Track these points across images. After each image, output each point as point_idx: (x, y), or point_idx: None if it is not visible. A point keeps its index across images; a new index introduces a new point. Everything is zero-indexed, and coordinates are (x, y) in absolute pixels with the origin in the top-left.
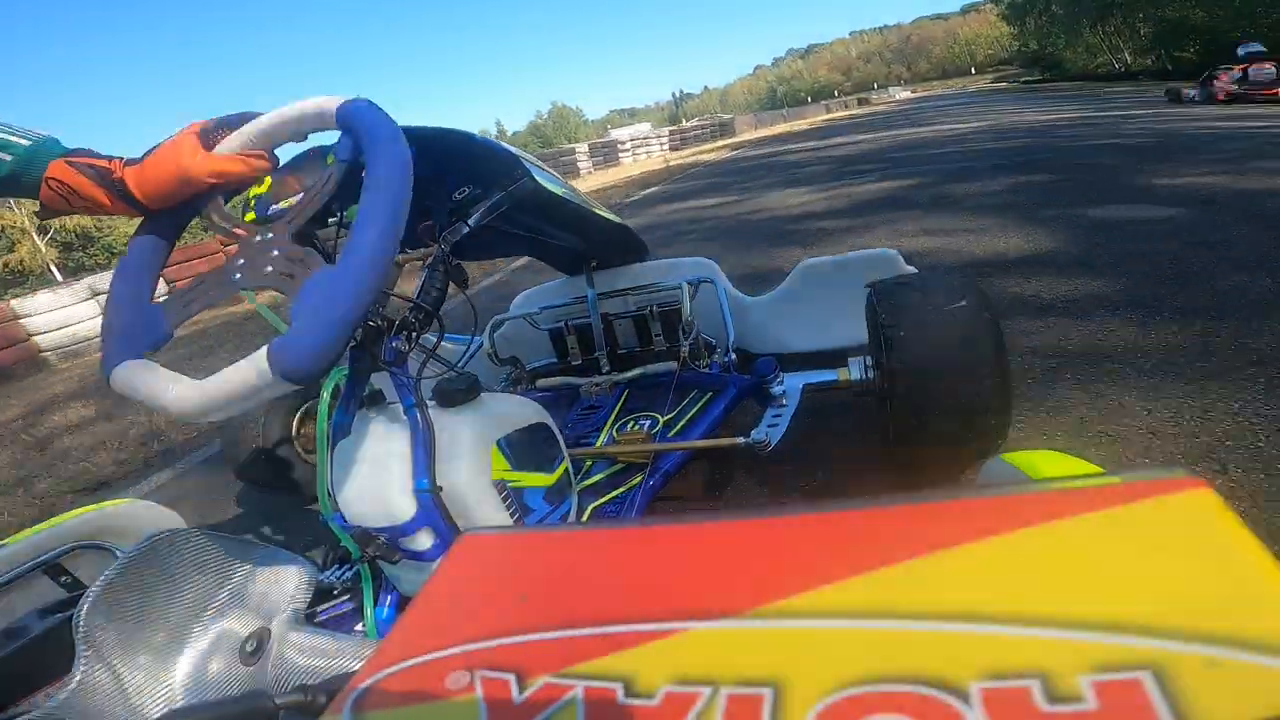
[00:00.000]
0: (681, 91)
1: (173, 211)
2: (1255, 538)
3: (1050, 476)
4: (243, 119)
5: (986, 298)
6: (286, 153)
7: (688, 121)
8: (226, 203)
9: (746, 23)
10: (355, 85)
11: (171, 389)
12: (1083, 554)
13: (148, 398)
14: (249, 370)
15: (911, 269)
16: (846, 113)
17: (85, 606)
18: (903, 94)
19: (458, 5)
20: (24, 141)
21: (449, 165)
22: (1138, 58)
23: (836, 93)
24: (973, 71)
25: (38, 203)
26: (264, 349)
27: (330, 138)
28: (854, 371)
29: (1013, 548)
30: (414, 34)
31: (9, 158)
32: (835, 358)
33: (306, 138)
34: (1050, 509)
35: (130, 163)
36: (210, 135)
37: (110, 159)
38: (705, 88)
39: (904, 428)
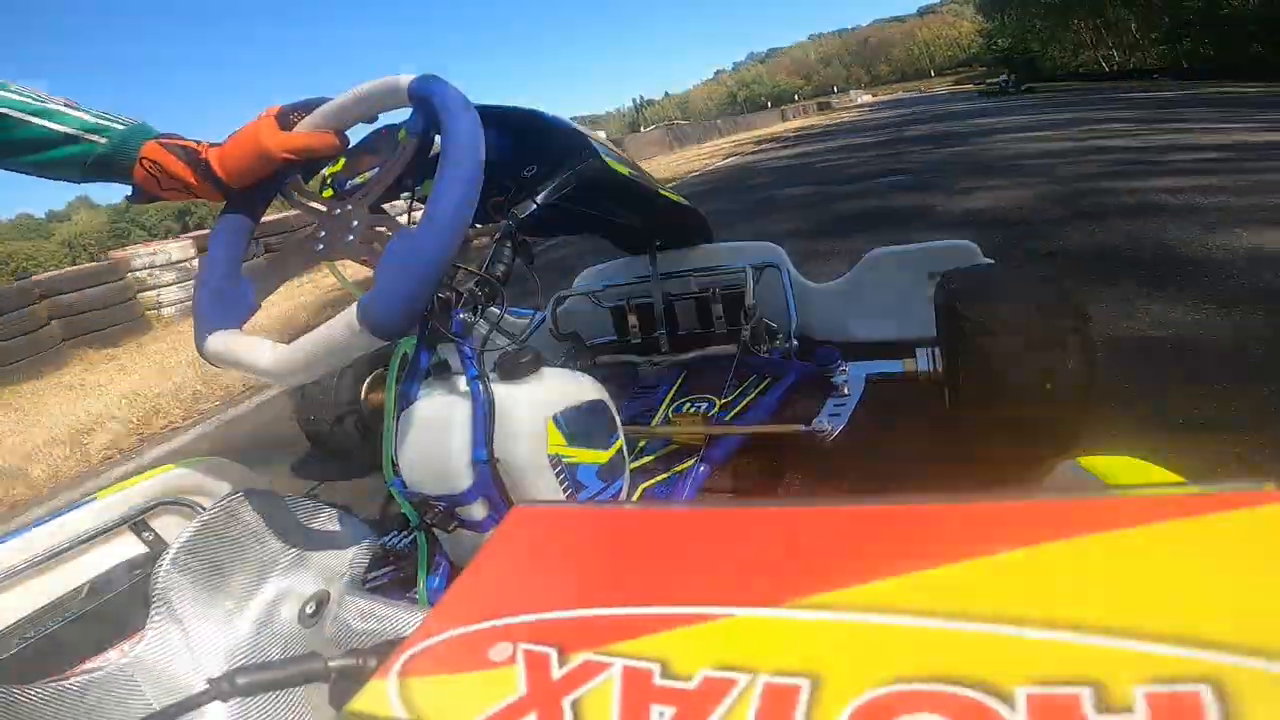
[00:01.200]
0: (641, 98)
1: (255, 190)
2: None
3: (1125, 483)
4: (318, 102)
5: (1072, 293)
6: (355, 134)
7: (646, 129)
8: (306, 182)
9: (707, 27)
10: (298, 86)
11: (265, 353)
12: (1151, 564)
13: (243, 364)
14: (339, 328)
15: (988, 260)
16: (805, 122)
17: (163, 565)
18: (864, 97)
19: (423, 10)
20: (119, 126)
21: (519, 143)
22: (1129, 54)
23: (796, 96)
24: (931, 74)
25: (130, 188)
26: (352, 307)
27: (396, 117)
28: (921, 363)
29: (1077, 553)
30: (370, 35)
31: (105, 140)
32: (900, 349)
33: (377, 117)
34: (1121, 516)
35: (214, 145)
36: (287, 117)
37: (197, 142)
38: (666, 93)
39: (973, 425)
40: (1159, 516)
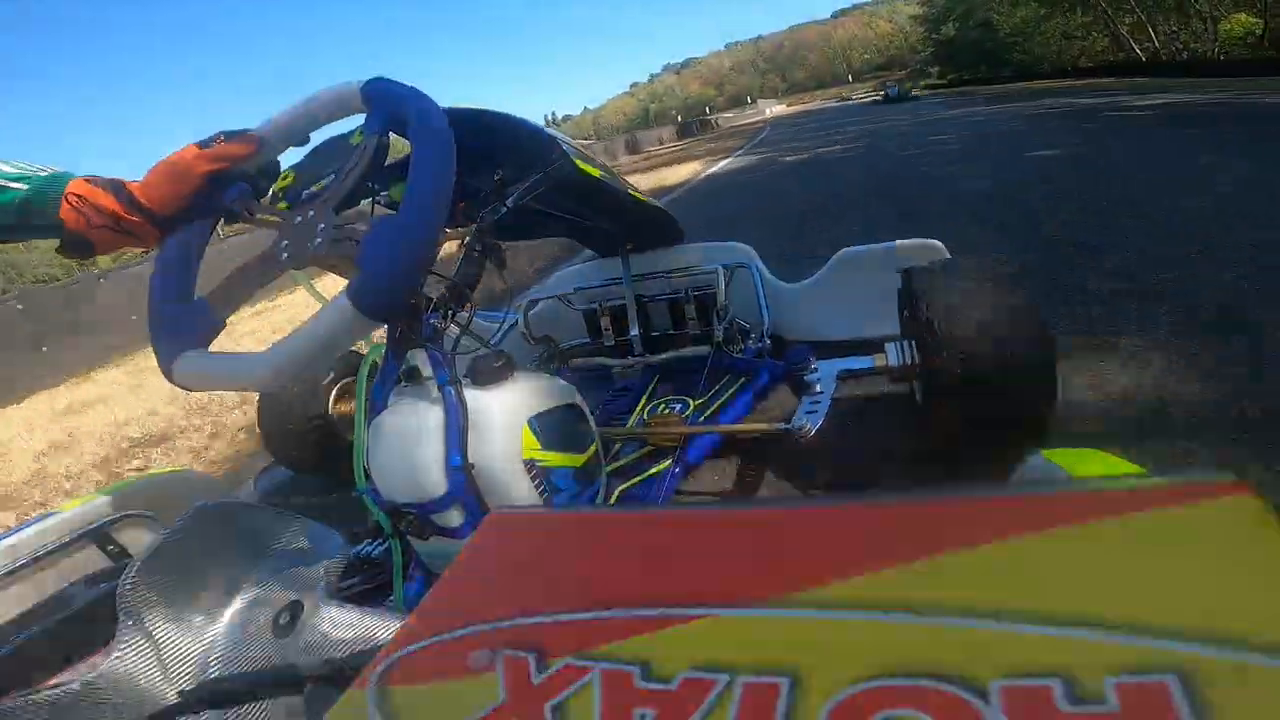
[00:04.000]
0: (554, 114)
1: (191, 214)
2: None
3: (1088, 475)
4: (240, 133)
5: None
6: (289, 158)
7: None
8: (258, 199)
9: (624, 39)
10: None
11: (247, 362)
12: (1115, 555)
13: (225, 380)
14: (332, 317)
15: (951, 256)
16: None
17: (128, 577)
18: (776, 108)
19: (329, 22)
20: (39, 173)
21: (486, 146)
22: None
23: (708, 109)
24: (850, 79)
25: (58, 240)
26: (340, 294)
27: (339, 127)
28: (891, 358)
29: (1044, 546)
30: (267, 54)
31: (25, 187)
32: (870, 346)
33: (312, 132)
34: (1085, 508)
35: (135, 181)
36: (208, 143)
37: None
38: (585, 108)
39: (942, 417)
40: (1124, 509)
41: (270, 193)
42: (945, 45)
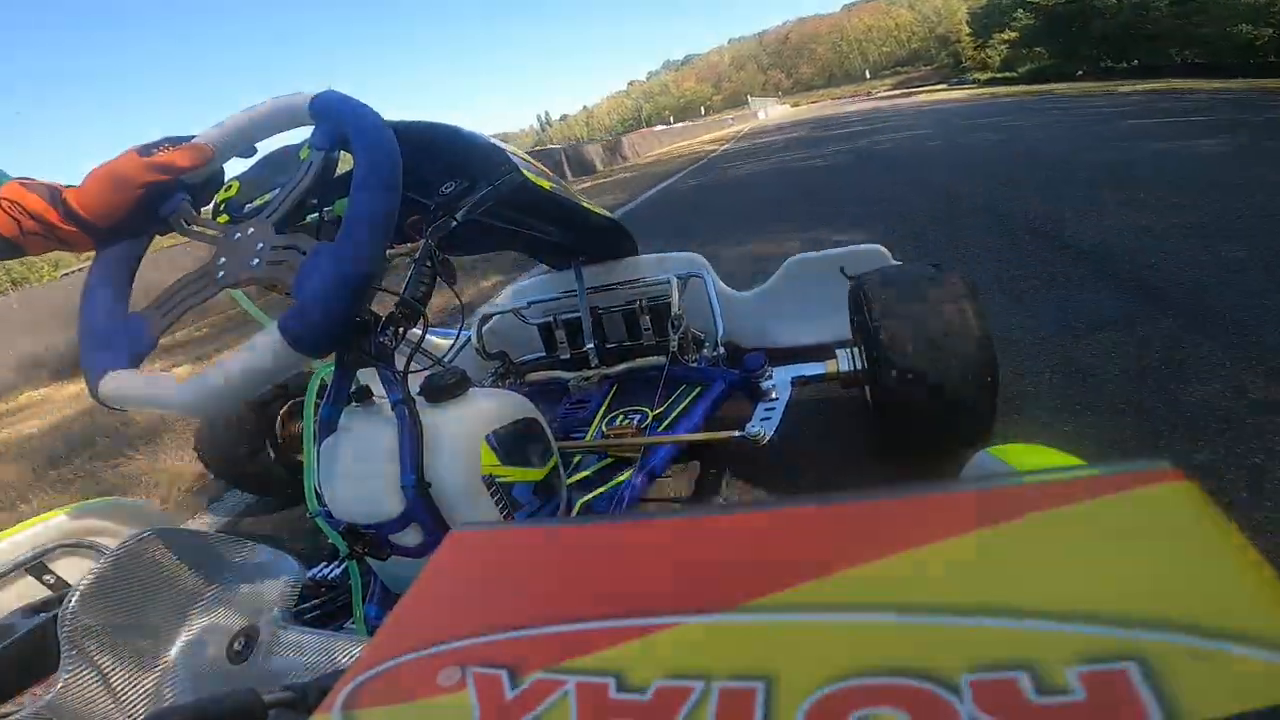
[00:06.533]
0: (547, 114)
1: (128, 225)
2: (1235, 529)
3: (1032, 469)
4: (183, 139)
5: (970, 285)
6: (234, 167)
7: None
8: (197, 210)
9: (624, 36)
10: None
11: (173, 387)
12: (1066, 546)
13: (149, 402)
14: (260, 348)
15: (896, 262)
16: None
17: (70, 605)
18: (775, 109)
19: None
20: None
21: (435, 160)
22: None
23: (704, 109)
24: (867, 75)
25: None
26: (272, 325)
27: (289, 138)
28: (842, 363)
29: (998, 540)
30: (257, 53)
31: None
32: (824, 351)
33: (259, 143)
34: (1033, 502)
35: (74, 187)
36: (149, 150)
37: (63, 186)
38: (584, 107)
39: (890, 417)
40: (1069, 500)
41: (212, 204)
42: (1042, 15)
